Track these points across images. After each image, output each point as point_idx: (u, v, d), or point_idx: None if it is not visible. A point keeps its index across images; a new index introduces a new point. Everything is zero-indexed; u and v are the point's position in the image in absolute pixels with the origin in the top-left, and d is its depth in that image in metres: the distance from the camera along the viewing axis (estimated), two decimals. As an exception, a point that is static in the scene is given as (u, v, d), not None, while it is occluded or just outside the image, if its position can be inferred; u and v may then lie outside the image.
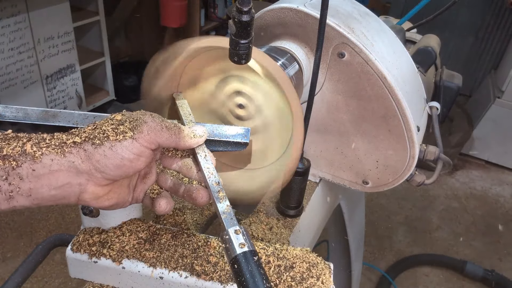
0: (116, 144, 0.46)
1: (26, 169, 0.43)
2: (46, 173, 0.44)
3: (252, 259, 0.44)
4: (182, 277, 0.60)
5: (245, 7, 0.46)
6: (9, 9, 2.20)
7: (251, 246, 0.45)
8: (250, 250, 0.45)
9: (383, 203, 2.72)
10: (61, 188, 0.45)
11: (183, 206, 0.82)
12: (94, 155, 0.45)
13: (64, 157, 0.44)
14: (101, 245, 0.63)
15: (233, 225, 0.47)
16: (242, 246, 0.45)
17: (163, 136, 0.49)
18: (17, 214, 2.29)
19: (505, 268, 2.34)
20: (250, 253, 0.44)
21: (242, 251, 0.44)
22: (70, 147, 0.45)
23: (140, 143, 0.47)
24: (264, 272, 0.44)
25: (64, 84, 2.68)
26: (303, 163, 0.77)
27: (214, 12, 3.69)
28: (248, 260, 0.44)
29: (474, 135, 3.03)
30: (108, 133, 0.46)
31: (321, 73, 0.76)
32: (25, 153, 0.43)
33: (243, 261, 0.44)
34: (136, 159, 0.47)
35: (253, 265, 0.43)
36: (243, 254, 0.44)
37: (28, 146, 0.44)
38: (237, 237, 0.45)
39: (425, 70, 0.98)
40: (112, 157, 0.45)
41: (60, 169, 0.44)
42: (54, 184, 0.44)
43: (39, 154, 0.43)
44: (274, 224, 0.81)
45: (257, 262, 0.44)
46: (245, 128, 0.56)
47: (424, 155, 0.86)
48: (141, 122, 0.48)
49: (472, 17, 3.27)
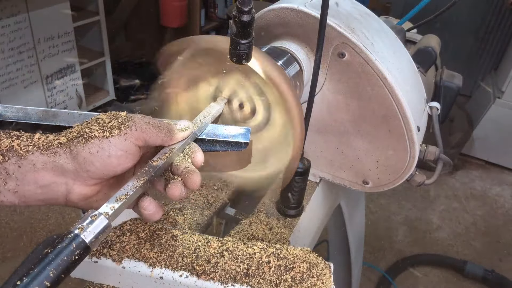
0: (103, 141, 0.46)
1: (13, 165, 0.44)
2: (31, 170, 0.44)
3: (71, 246, 0.38)
4: (182, 277, 0.60)
5: (246, 7, 0.46)
6: (9, 9, 2.20)
7: (87, 236, 0.40)
8: (80, 239, 0.39)
9: (383, 203, 2.72)
10: (47, 187, 0.45)
11: (183, 206, 0.82)
12: (80, 153, 0.45)
13: (48, 156, 0.45)
14: (101, 245, 0.63)
15: (101, 211, 0.42)
16: (80, 229, 0.40)
17: (150, 133, 0.49)
18: (17, 214, 2.29)
19: (505, 268, 2.34)
20: (77, 240, 0.39)
21: (73, 233, 0.40)
22: (56, 147, 0.45)
23: (127, 140, 0.47)
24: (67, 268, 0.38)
25: (64, 84, 2.68)
26: (303, 163, 0.77)
27: (214, 12, 3.69)
28: (67, 243, 0.39)
29: (474, 135, 3.03)
30: (95, 131, 0.46)
31: (321, 73, 0.76)
32: (13, 149, 0.44)
33: (65, 239, 0.39)
34: (124, 156, 0.47)
35: (65, 251, 0.38)
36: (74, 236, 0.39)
37: (16, 143, 0.45)
38: (88, 220, 0.41)
39: (425, 70, 0.98)
40: (98, 154, 0.45)
41: (45, 167, 0.45)
42: (39, 183, 0.45)
43: (25, 152, 0.44)
44: (274, 224, 0.81)
45: (72, 252, 0.38)
46: (245, 128, 0.56)
47: (424, 155, 0.86)
48: (127, 120, 0.48)
49: (472, 17, 3.27)
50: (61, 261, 0.38)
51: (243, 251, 0.61)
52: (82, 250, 0.40)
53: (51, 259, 0.38)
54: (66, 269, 0.38)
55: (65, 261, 0.38)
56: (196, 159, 0.52)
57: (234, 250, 0.62)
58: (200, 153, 0.53)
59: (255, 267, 0.59)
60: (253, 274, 0.59)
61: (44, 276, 0.37)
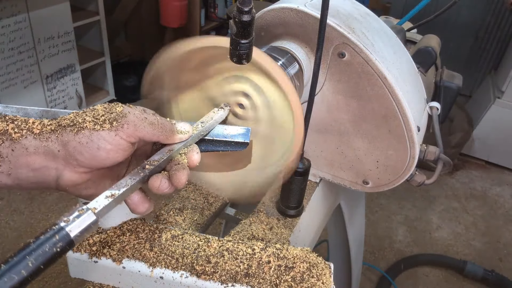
0: (93, 133, 0.46)
1: (6, 148, 0.45)
2: (24, 154, 0.45)
3: (55, 238, 0.38)
4: (182, 277, 0.60)
5: (246, 7, 0.46)
6: (9, 9, 2.20)
7: (72, 230, 0.39)
8: (65, 232, 0.39)
9: (383, 203, 2.72)
10: (38, 171, 0.46)
11: (183, 206, 0.82)
12: (70, 141, 0.46)
13: (41, 141, 0.46)
14: (101, 245, 0.63)
15: (89, 207, 0.41)
16: (66, 222, 0.39)
17: (144, 131, 0.49)
18: (17, 214, 2.29)
19: (505, 268, 2.35)
20: (62, 232, 0.38)
21: (58, 225, 0.39)
22: (49, 133, 0.46)
23: (118, 135, 0.47)
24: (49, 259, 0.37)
25: (64, 84, 2.68)
26: (303, 163, 0.77)
27: (214, 12, 3.69)
28: (51, 234, 0.38)
29: (474, 135, 3.03)
30: (87, 122, 0.47)
31: (321, 73, 0.76)
32: (7, 132, 0.45)
33: (43, 235, 0.38)
34: (113, 150, 0.47)
35: (47, 243, 0.37)
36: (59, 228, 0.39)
37: (10, 127, 0.46)
38: (75, 214, 0.40)
39: (425, 70, 0.98)
40: (87, 146, 0.46)
41: (37, 151, 0.46)
42: (31, 166, 0.46)
43: (18, 136, 0.45)
44: (274, 224, 0.81)
45: (54, 244, 0.37)
46: (245, 128, 0.56)
47: (424, 155, 0.86)
48: (121, 116, 0.48)
49: (472, 17, 3.27)
50: (41, 252, 0.37)
51: (243, 251, 0.61)
52: (65, 244, 0.39)
53: (32, 249, 0.37)
54: (46, 261, 0.37)
55: (46, 252, 0.37)
56: (192, 158, 0.53)
57: (234, 250, 0.62)
58: (197, 154, 0.53)
59: (255, 267, 0.59)
60: (253, 274, 0.59)
61: (23, 265, 0.36)
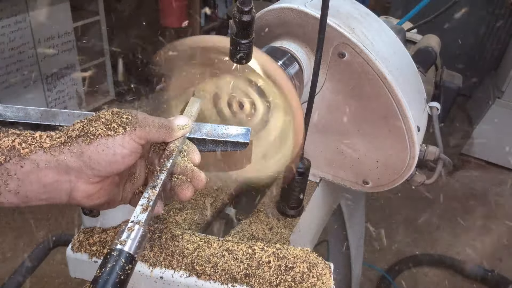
0: (108, 140, 0.46)
1: (14, 165, 0.43)
2: (35, 170, 0.44)
3: (120, 261, 0.41)
4: (182, 277, 0.60)
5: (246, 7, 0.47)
6: (9, 9, 2.20)
7: (132, 249, 0.42)
8: (127, 252, 0.42)
9: (383, 203, 2.72)
10: (50, 186, 0.45)
11: (183, 206, 0.82)
12: (86, 151, 0.45)
13: (52, 155, 0.45)
14: (101, 245, 0.63)
15: (136, 222, 0.45)
16: (122, 243, 0.42)
17: (152, 132, 0.50)
18: (17, 214, 2.29)
19: (505, 268, 2.34)
20: (123, 254, 0.42)
21: (118, 247, 0.42)
22: (59, 145, 0.45)
23: (132, 139, 0.47)
24: (122, 281, 0.40)
25: (64, 84, 2.68)
26: (303, 163, 0.77)
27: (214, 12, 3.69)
28: (115, 259, 0.41)
29: (474, 135, 3.03)
30: (99, 130, 0.47)
31: (321, 73, 0.76)
32: (14, 148, 0.43)
33: (110, 257, 0.41)
34: (128, 154, 0.47)
35: (116, 267, 0.40)
36: (118, 251, 0.42)
37: (17, 142, 0.44)
38: (127, 234, 0.43)
39: (425, 70, 0.98)
40: (104, 153, 0.46)
41: (48, 166, 0.44)
42: (43, 181, 0.44)
43: (27, 151, 0.44)
44: (275, 224, 0.81)
45: (122, 267, 0.41)
46: (245, 128, 0.56)
47: (424, 155, 0.86)
48: (131, 119, 0.48)
49: (472, 17, 3.27)
50: (115, 278, 0.40)
51: (243, 251, 0.61)
52: (130, 263, 0.42)
53: (105, 280, 0.40)
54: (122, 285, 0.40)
55: (120, 275, 0.40)
56: (193, 159, 0.53)
57: (234, 250, 0.62)
58: (197, 154, 0.54)
59: (255, 267, 0.59)
60: (253, 274, 0.59)
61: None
